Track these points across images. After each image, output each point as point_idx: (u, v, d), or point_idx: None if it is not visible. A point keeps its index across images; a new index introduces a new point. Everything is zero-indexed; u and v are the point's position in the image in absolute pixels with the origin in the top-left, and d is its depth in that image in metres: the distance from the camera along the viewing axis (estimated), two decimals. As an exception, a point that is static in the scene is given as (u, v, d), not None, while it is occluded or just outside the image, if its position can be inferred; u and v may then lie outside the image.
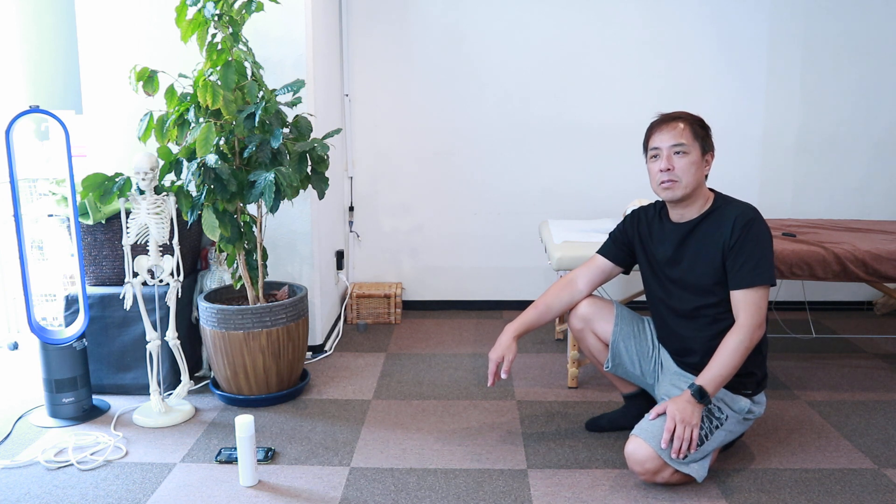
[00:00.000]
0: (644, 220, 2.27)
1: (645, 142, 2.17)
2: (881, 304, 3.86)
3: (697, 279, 2.10)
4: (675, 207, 2.14)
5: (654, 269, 2.22)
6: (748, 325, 1.98)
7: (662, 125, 2.09)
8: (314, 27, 3.06)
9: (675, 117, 2.09)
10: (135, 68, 2.45)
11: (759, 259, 2.00)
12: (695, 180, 2.06)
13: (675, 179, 2.05)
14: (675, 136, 2.05)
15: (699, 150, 2.06)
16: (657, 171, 2.08)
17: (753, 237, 2.01)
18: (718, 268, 2.06)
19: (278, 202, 2.39)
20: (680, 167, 2.04)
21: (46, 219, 3.12)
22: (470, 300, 4.02)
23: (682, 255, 2.14)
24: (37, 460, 2.22)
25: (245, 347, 2.56)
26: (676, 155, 2.05)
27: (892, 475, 2.11)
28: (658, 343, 2.29)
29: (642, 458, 1.96)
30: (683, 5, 3.68)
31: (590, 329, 2.33)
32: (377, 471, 2.15)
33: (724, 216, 2.07)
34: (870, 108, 3.76)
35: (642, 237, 2.26)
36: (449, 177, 3.89)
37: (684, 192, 2.06)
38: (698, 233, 2.10)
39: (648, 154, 2.14)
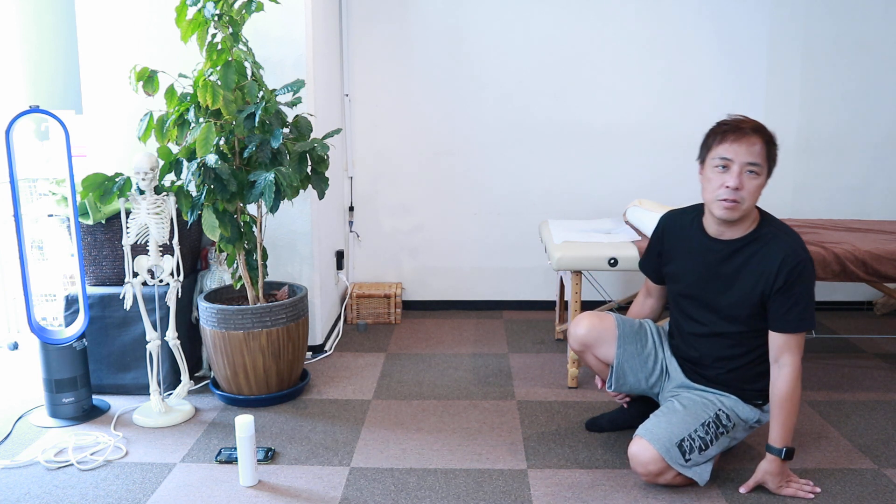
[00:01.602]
0: (677, 228, 2.14)
1: (708, 144, 1.98)
2: (881, 304, 3.86)
3: (730, 307, 2.01)
4: (721, 224, 1.99)
5: (684, 283, 2.11)
6: (797, 365, 1.93)
7: (740, 136, 1.90)
8: (314, 27, 3.06)
9: (753, 129, 1.91)
10: (135, 68, 2.45)
11: (807, 304, 1.92)
12: (753, 204, 1.94)
13: (738, 201, 1.89)
14: (753, 154, 1.88)
15: (766, 174, 1.92)
16: (721, 184, 1.90)
17: (803, 282, 1.91)
18: (756, 303, 1.96)
19: (278, 202, 2.39)
20: (749, 189, 1.89)
21: (46, 219, 3.12)
22: (470, 300, 4.02)
23: (717, 276, 2.02)
24: (37, 460, 2.22)
25: (245, 347, 2.56)
26: (749, 174, 1.89)
27: (892, 475, 2.11)
28: (662, 348, 2.24)
29: (646, 460, 1.95)
30: (683, 5, 3.68)
31: (591, 353, 2.28)
32: (377, 471, 2.15)
33: (770, 250, 1.93)
34: (870, 109, 3.76)
35: (674, 248, 2.14)
36: (449, 177, 3.89)
37: (742, 214, 1.93)
38: (739, 258, 1.98)
39: (711, 161, 1.95)
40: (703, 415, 2.01)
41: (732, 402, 2.06)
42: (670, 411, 2.04)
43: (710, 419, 2.01)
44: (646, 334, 2.25)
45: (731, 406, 2.05)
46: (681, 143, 3.80)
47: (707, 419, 2.00)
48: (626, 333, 2.23)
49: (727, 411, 2.04)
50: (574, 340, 2.27)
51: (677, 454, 1.95)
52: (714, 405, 2.04)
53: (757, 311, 1.98)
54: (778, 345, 1.95)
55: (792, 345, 1.94)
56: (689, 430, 1.97)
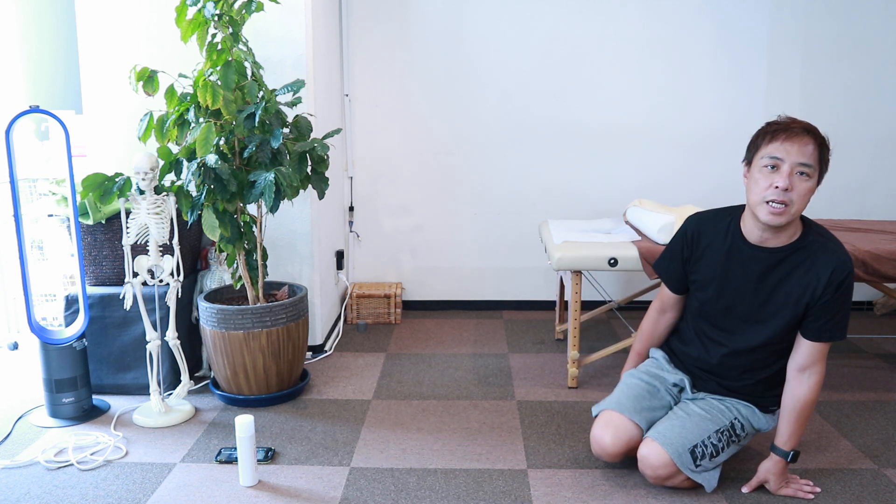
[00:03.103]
0: (711, 233, 2.00)
1: (756, 142, 1.87)
2: (881, 304, 3.86)
3: (770, 318, 1.93)
4: (766, 230, 1.88)
5: (719, 293, 1.99)
6: (821, 375, 1.91)
7: (792, 134, 1.80)
8: (314, 27, 3.06)
9: (805, 129, 1.81)
10: (135, 68, 2.45)
11: (844, 315, 1.88)
12: (802, 210, 1.83)
13: (788, 203, 1.78)
14: (805, 155, 1.78)
15: (817, 178, 1.82)
16: (769, 185, 1.79)
17: (844, 295, 1.85)
18: (799, 314, 1.89)
19: (278, 202, 2.39)
20: (799, 191, 1.78)
21: (46, 219, 3.12)
22: (470, 300, 4.02)
23: (759, 287, 1.92)
24: (37, 460, 2.22)
25: (245, 347, 2.56)
26: (800, 175, 1.78)
27: (892, 475, 2.11)
28: (676, 397, 2.12)
29: (657, 464, 1.94)
30: (683, 5, 3.68)
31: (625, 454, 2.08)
32: (377, 471, 2.15)
33: (819, 261, 1.85)
34: (870, 108, 3.76)
35: (707, 255, 2.00)
36: (449, 177, 3.89)
37: (789, 220, 1.82)
38: (784, 268, 1.89)
39: (759, 160, 1.83)
40: (719, 422, 1.99)
41: (749, 412, 2.03)
42: (686, 415, 2.00)
43: (726, 427, 1.98)
44: (658, 391, 2.11)
45: (748, 415, 2.03)
46: (681, 143, 3.80)
47: (723, 426, 1.98)
48: (642, 409, 2.06)
49: (742, 420, 2.01)
50: (604, 454, 2.05)
51: (689, 459, 1.93)
52: (731, 413, 2.01)
53: (797, 322, 1.91)
54: (810, 353, 1.90)
55: (824, 354, 1.91)
56: (703, 437, 1.95)
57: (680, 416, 2.01)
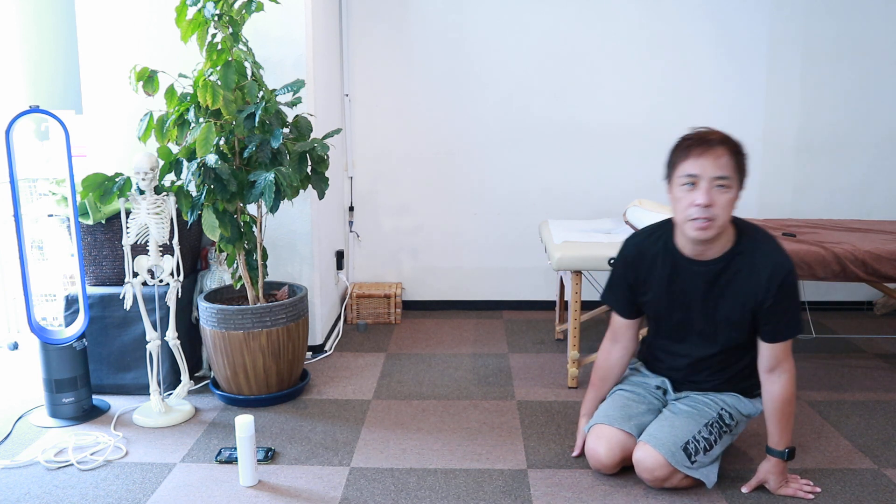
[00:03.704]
0: (648, 255, 2.01)
1: (673, 161, 1.87)
2: (881, 304, 3.86)
3: (721, 328, 1.97)
4: (697, 245, 1.90)
5: (667, 312, 2.03)
6: (791, 371, 1.93)
7: (703, 149, 1.79)
8: (314, 27, 3.06)
9: (717, 141, 1.80)
10: (135, 68, 2.45)
11: (796, 310, 1.90)
12: (728, 219, 1.84)
13: (711, 217, 1.79)
14: (720, 167, 1.77)
15: (737, 185, 1.82)
16: (690, 203, 1.80)
17: (790, 293, 1.88)
18: (748, 319, 1.93)
19: (278, 202, 2.39)
20: (720, 204, 1.78)
21: (46, 219, 3.12)
22: (470, 300, 4.02)
23: (704, 300, 1.96)
24: (37, 460, 2.22)
25: (245, 347, 2.56)
26: (719, 188, 1.78)
27: (892, 475, 2.11)
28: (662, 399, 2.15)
29: (652, 466, 1.94)
30: (683, 5, 3.68)
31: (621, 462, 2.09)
32: (377, 471, 2.15)
33: (755, 266, 1.87)
34: (870, 108, 3.76)
35: (650, 277, 2.02)
36: (449, 177, 3.89)
37: (718, 232, 1.83)
38: (724, 277, 1.91)
39: (678, 179, 1.84)
40: (706, 415, 2.01)
41: (734, 400, 2.06)
42: (673, 415, 2.03)
43: (714, 419, 2.01)
44: (643, 396, 2.14)
45: (733, 404, 2.05)
46: (681, 143, 3.79)
47: (710, 419, 2.00)
48: (630, 416, 2.07)
49: (729, 409, 2.04)
50: (601, 466, 2.07)
51: (683, 457, 1.94)
52: (716, 405, 2.04)
53: (748, 326, 1.95)
54: (773, 355, 1.93)
55: (787, 351, 1.93)
56: (694, 432, 1.97)
57: (668, 416, 2.03)
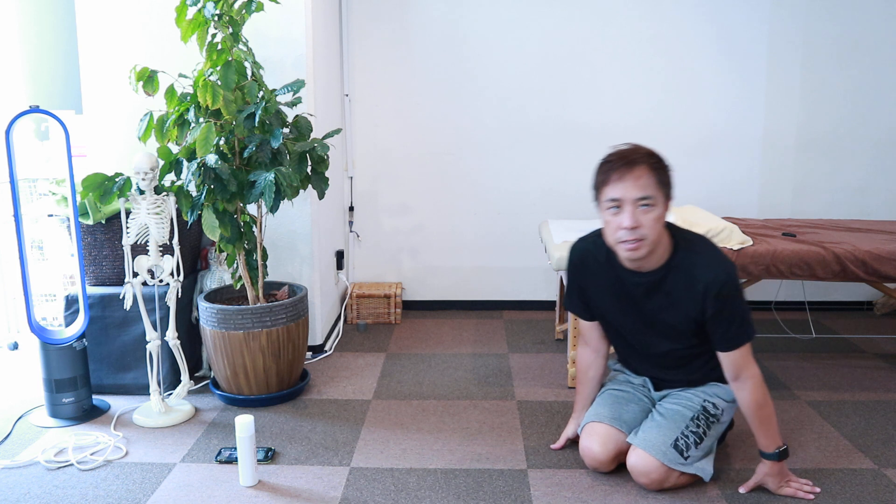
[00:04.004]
0: (593, 264, 2.04)
1: (598, 186, 1.86)
2: (881, 304, 3.86)
3: (666, 334, 2.00)
4: (633, 262, 1.92)
5: (615, 320, 2.08)
6: (754, 375, 1.92)
7: (623, 171, 1.79)
8: (314, 27, 3.06)
9: (635, 160, 1.80)
10: (135, 68, 2.45)
11: (742, 317, 1.88)
12: (659, 235, 1.84)
13: (640, 238, 1.80)
14: (641, 188, 1.77)
15: (663, 200, 1.81)
16: (617, 227, 1.81)
17: (730, 302, 1.86)
18: (692, 327, 1.94)
19: (278, 202, 2.39)
20: (646, 223, 1.79)
21: (46, 219, 3.12)
22: (470, 300, 4.02)
23: (646, 309, 1.98)
24: (37, 460, 2.22)
25: (245, 347, 2.56)
26: (643, 209, 1.79)
27: (892, 475, 2.11)
28: (646, 396, 2.18)
29: (647, 469, 1.95)
30: (683, 5, 3.68)
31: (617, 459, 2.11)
32: (377, 471, 2.15)
33: (692, 276, 1.87)
34: (870, 108, 3.76)
35: (593, 286, 2.06)
36: (449, 177, 3.89)
37: (649, 251, 1.84)
38: (663, 288, 1.93)
39: (603, 204, 1.84)
40: (691, 409, 2.03)
41: (714, 388, 2.08)
42: (660, 416, 2.04)
43: (699, 412, 2.02)
44: (630, 393, 2.16)
45: (715, 392, 2.07)
46: (681, 143, 3.80)
47: (695, 413, 2.02)
48: (620, 413, 2.10)
49: (712, 399, 2.05)
50: (597, 464, 2.08)
51: (675, 455, 1.95)
52: (698, 397, 2.06)
53: (697, 332, 1.96)
54: (732, 362, 1.92)
55: (746, 357, 1.91)
56: (681, 428, 1.98)
57: (655, 418, 2.05)
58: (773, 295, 3.91)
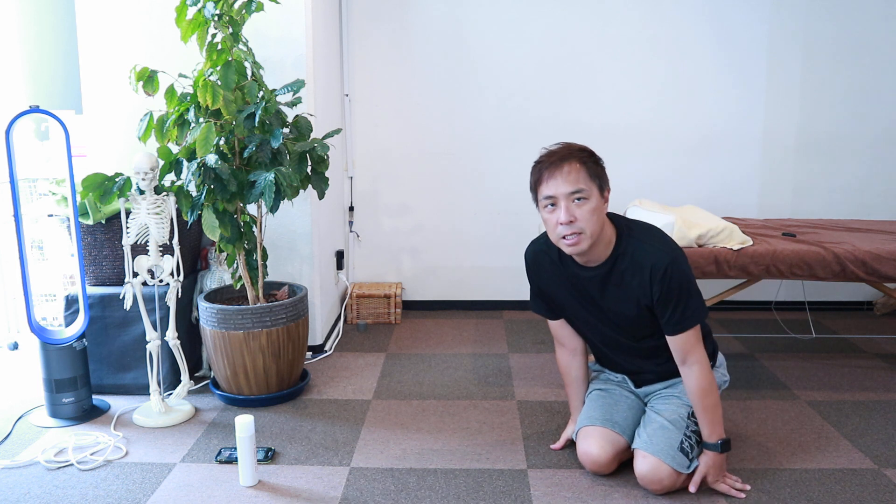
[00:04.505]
0: (546, 264, 2.07)
1: (533, 186, 1.91)
2: (881, 304, 3.86)
3: (626, 324, 2.01)
4: (580, 256, 1.95)
5: (575, 316, 2.11)
6: (701, 361, 1.93)
7: (553, 169, 1.85)
8: (314, 27, 3.06)
9: (565, 156, 1.86)
10: (135, 68, 2.45)
11: (688, 300, 1.90)
12: (598, 227, 1.87)
13: (578, 231, 1.84)
14: (572, 182, 1.82)
15: (598, 192, 1.86)
16: (556, 223, 1.85)
17: (676, 284, 1.88)
18: (647, 315, 1.96)
19: (278, 202, 2.39)
20: (582, 216, 1.83)
21: (46, 219, 3.12)
22: (470, 300, 4.02)
23: (601, 302, 2.01)
24: (37, 460, 2.22)
25: (245, 347, 2.56)
26: (576, 202, 1.83)
27: (892, 475, 2.11)
28: (633, 392, 2.20)
29: (660, 477, 1.94)
30: (683, 5, 3.68)
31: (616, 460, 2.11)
32: (377, 471, 2.15)
33: (636, 262, 1.91)
34: (869, 108, 3.76)
35: (550, 285, 2.09)
36: (449, 177, 3.89)
37: (590, 243, 1.86)
38: (613, 279, 1.95)
39: (540, 202, 1.90)
40: (684, 409, 2.04)
41: None
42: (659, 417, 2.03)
43: (691, 410, 2.03)
44: (614, 392, 2.18)
45: None
46: (681, 143, 3.80)
47: (689, 411, 2.03)
48: (612, 414, 2.11)
49: None
50: (597, 466, 2.08)
51: (682, 458, 1.95)
52: (685, 395, 2.06)
53: (650, 319, 1.98)
54: (678, 347, 1.93)
55: (692, 341, 1.92)
56: (683, 429, 1.99)
57: (654, 419, 2.04)
58: (773, 295, 3.91)
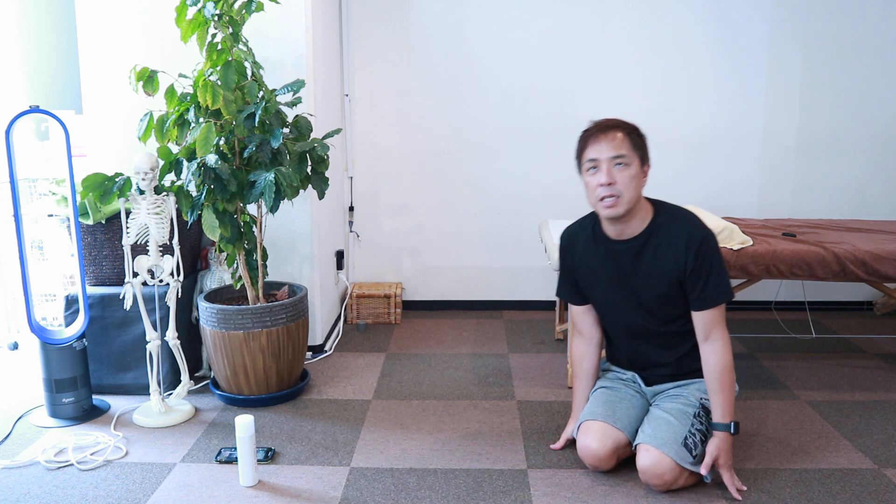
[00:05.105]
0: (580, 242, 2.15)
1: (579, 152, 2.03)
2: (881, 304, 3.86)
3: (654, 300, 2.04)
4: (616, 224, 2.01)
5: (604, 292, 2.12)
6: (724, 339, 1.97)
7: (599, 134, 1.96)
8: (314, 27, 3.06)
9: (612, 126, 1.97)
10: (135, 68, 2.45)
11: (719, 276, 1.96)
12: (636, 194, 1.95)
13: (616, 195, 1.92)
14: (615, 147, 1.93)
15: (638, 162, 1.95)
16: (596, 185, 1.95)
17: (709, 258, 1.95)
18: (677, 291, 2.00)
19: (278, 202, 2.39)
20: (622, 181, 1.92)
21: (46, 219, 3.12)
22: (470, 300, 4.02)
23: (633, 276, 2.04)
24: (37, 460, 2.22)
25: (245, 347, 2.56)
26: (617, 167, 1.93)
27: (892, 475, 2.11)
28: (639, 390, 2.20)
29: (662, 470, 1.94)
30: (683, 5, 3.68)
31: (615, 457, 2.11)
32: (377, 471, 2.15)
33: (672, 235, 1.98)
34: (869, 108, 3.76)
35: (582, 264, 2.14)
36: (449, 176, 3.89)
37: (626, 208, 1.94)
38: (647, 252, 2.01)
39: (584, 166, 2.00)
40: (692, 406, 2.04)
41: (704, 386, 2.08)
42: (664, 413, 2.04)
43: (698, 409, 2.03)
44: (620, 390, 2.18)
45: (704, 395, 2.08)
46: (681, 143, 3.80)
47: (696, 410, 2.03)
48: (615, 410, 2.11)
49: (706, 396, 2.07)
50: (596, 461, 2.08)
51: (686, 454, 1.95)
52: (694, 396, 2.07)
53: (679, 298, 2.02)
54: (704, 323, 1.98)
55: (717, 319, 1.98)
56: (688, 426, 1.99)
57: (658, 416, 2.04)
58: (773, 295, 3.91)
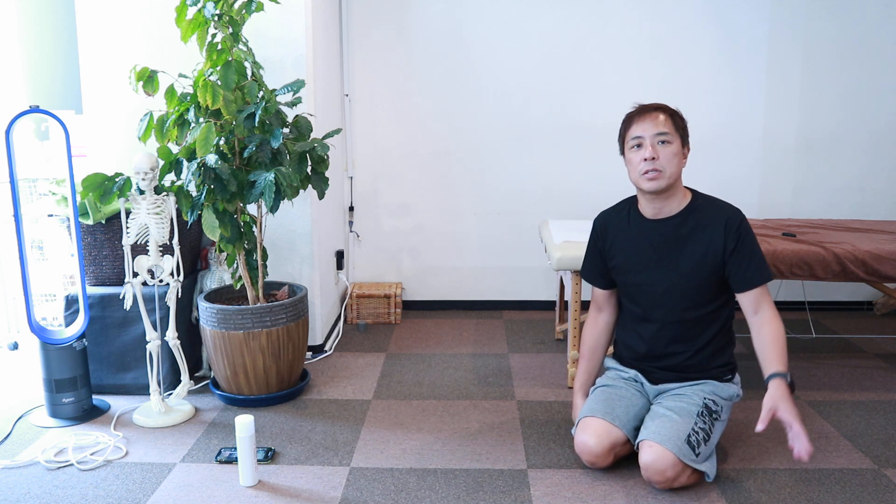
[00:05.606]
0: (615, 222, 2.22)
1: (622, 133, 2.13)
2: (881, 304, 3.86)
3: (685, 279, 2.08)
4: (655, 201, 2.09)
5: (635, 270, 2.15)
6: (774, 309, 2.03)
7: (644, 114, 2.06)
8: (314, 27, 3.06)
9: (656, 108, 2.07)
10: (135, 68, 2.45)
11: (761, 255, 2.04)
12: (677, 171, 2.04)
13: (659, 169, 2.01)
14: (659, 125, 2.03)
15: (679, 142, 2.05)
16: (640, 160, 2.04)
17: (749, 237, 2.04)
18: (710, 270, 2.05)
19: (278, 202, 2.39)
20: (664, 156, 2.02)
21: (46, 219, 3.12)
22: (470, 300, 4.02)
23: (667, 254, 2.10)
24: (37, 460, 2.22)
25: (245, 347, 2.56)
26: (661, 144, 2.02)
27: (892, 475, 2.11)
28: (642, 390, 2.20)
29: (665, 466, 1.94)
30: (683, 5, 3.68)
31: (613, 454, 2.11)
32: (377, 471, 2.15)
33: (711, 216, 2.06)
34: (869, 108, 3.76)
35: (616, 242, 2.20)
36: (449, 176, 3.89)
37: (668, 183, 2.03)
38: (684, 230, 2.08)
39: (628, 144, 2.09)
40: (695, 404, 2.04)
41: (711, 387, 2.10)
42: (667, 410, 2.04)
43: (702, 408, 2.03)
44: (621, 388, 2.19)
45: (712, 390, 2.09)
46: (681, 143, 3.80)
47: (699, 409, 2.03)
48: (614, 408, 2.11)
49: (710, 396, 2.07)
50: (594, 457, 2.08)
51: (688, 451, 1.95)
52: (698, 395, 2.07)
53: (712, 282, 2.06)
54: (752, 301, 2.04)
55: (765, 295, 2.04)
56: (691, 424, 1.99)
57: (661, 413, 2.04)
58: (774, 295, 3.91)
